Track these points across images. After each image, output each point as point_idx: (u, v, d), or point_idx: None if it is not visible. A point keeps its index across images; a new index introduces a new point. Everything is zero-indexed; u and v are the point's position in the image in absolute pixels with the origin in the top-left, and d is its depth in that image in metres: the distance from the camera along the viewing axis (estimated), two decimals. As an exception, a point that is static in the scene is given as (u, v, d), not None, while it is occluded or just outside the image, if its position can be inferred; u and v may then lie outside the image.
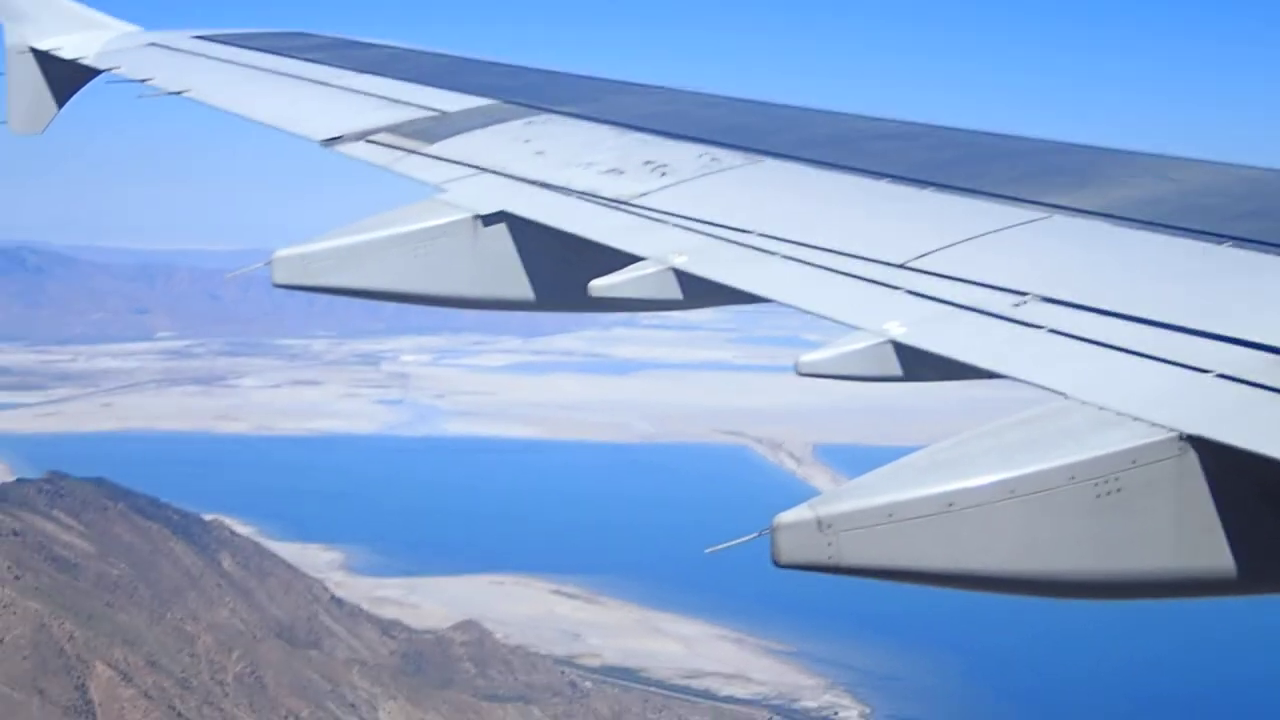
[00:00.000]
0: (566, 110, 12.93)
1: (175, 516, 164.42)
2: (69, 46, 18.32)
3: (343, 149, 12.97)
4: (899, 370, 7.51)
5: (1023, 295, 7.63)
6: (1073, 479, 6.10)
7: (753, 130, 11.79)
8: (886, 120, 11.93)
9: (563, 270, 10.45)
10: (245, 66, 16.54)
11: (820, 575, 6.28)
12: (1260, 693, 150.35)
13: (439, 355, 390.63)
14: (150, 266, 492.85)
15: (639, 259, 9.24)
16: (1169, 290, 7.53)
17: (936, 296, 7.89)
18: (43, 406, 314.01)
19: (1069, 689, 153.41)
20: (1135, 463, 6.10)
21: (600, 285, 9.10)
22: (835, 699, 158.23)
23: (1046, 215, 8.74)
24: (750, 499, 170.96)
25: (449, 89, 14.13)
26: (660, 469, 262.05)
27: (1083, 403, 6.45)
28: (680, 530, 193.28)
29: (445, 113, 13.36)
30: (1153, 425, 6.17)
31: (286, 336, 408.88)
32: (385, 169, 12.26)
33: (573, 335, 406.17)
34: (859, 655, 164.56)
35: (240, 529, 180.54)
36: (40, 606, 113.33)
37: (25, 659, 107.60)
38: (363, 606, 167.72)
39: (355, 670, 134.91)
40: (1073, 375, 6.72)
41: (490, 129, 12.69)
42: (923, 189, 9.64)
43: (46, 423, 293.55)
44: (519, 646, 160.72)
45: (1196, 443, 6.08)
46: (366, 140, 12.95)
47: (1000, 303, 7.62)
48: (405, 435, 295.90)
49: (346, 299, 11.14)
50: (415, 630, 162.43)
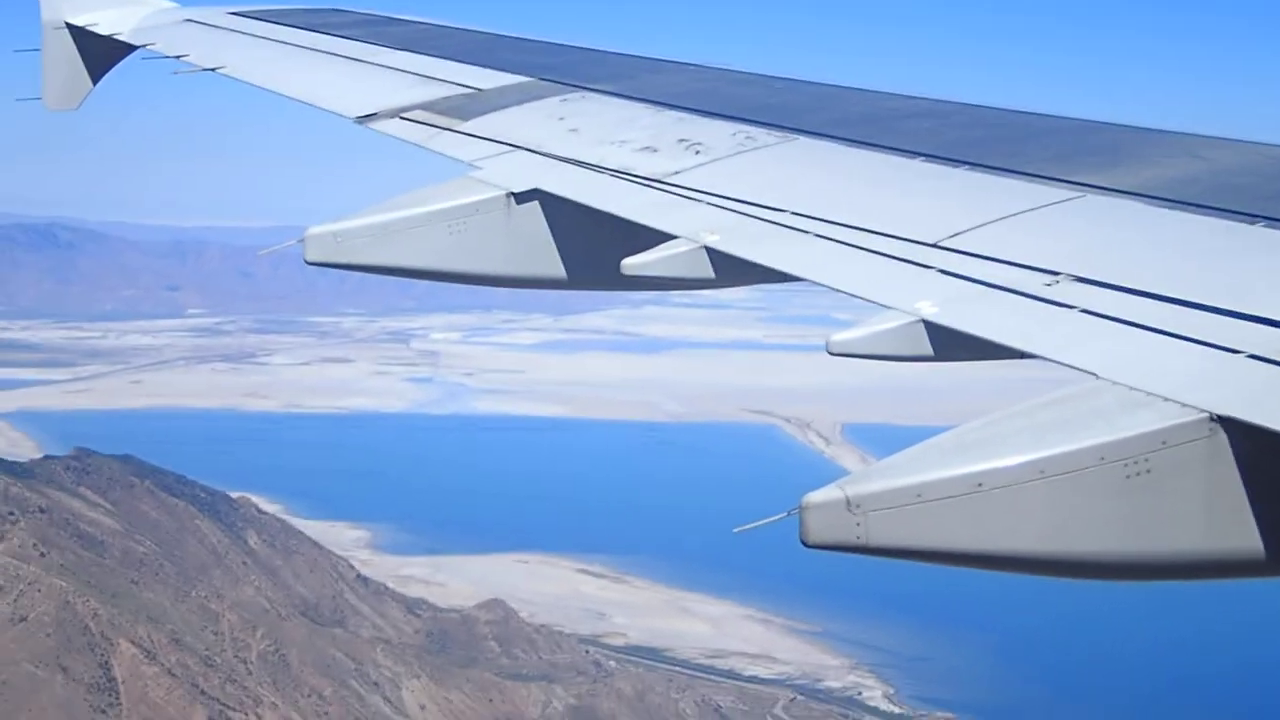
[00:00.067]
0: (601, 88, 12.92)
1: (202, 494, 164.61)
2: (104, 22, 18.30)
3: (376, 126, 12.97)
4: (930, 350, 7.52)
5: (1055, 275, 7.63)
6: (1102, 460, 6.11)
7: (787, 108, 11.77)
8: (920, 99, 11.91)
9: (595, 248, 10.45)
10: (280, 43, 16.56)
11: (847, 555, 6.29)
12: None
13: (469, 333, 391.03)
14: (182, 243, 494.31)
15: (671, 237, 9.24)
16: (1200, 270, 7.54)
17: (968, 276, 7.89)
18: (72, 383, 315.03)
19: (1096, 670, 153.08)
20: (1165, 444, 6.10)
21: (632, 263, 9.11)
22: (860, 679, 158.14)
23: (1079, 195, 8.73)
24: (778, 479, 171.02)
25: (484, 66, 14.12)
26: (689, 448, 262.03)
27: (1113, 383, 6.45)
28: (708, 510, 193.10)
29: (480, 90, 13.36)
30: (1183, 406, 6.18)
31: (317, 314, 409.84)
32: (419, 146, 12.25)
33: (603, 313, 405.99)
34: (884, 636, 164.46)
35: (267, 507, 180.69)
36: (65, 584, 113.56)
37: (49, 636, 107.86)
38: (388, 585, 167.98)
39: (379, 649, 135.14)
40: (1103, 355, 6.72)
41: (525, 106, 12.68)
42: (956, 168, 9.64)
43: (75, 399, 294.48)
44: (544, 626, 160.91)
45: (1227, 424, 6.09)
46: (400, 117, 12.94)
47: (1032, 282, 7.62)
48: (434, 413, 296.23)
49: (378, 277, 11.15)
50: (440, 609, 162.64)
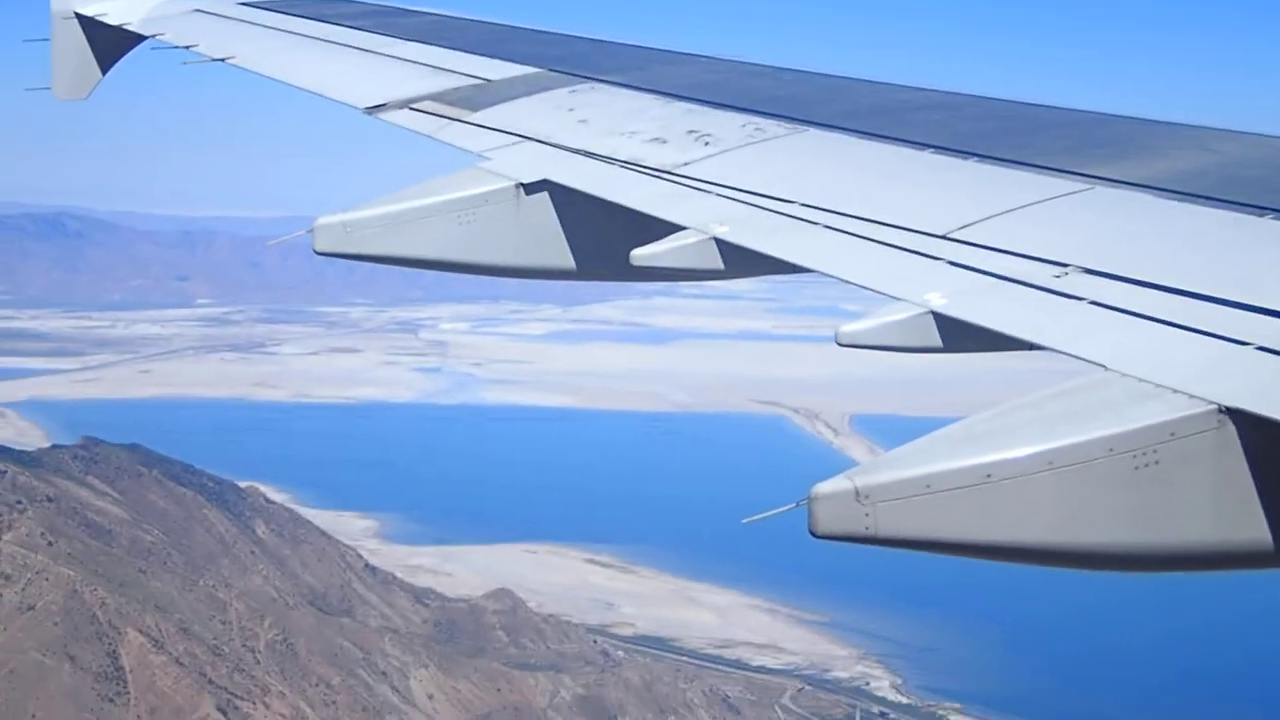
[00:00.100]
0: (611, 79, 12.91)
1: (210, 483, 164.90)
2: (114, 12, 18.26)
3: (386, 116, 12.95)
4: (939, 341, 7.52)
5: (1064, 267, 7.63)
6: (1111, 451, 6.11)
7: (796, 100, 11.76)
8: (929, 91, 11.90)
9: (604, 239, 10.45)
10: (289, 33, 16.52)
11: (855, 546, 6.30)
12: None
13: (478, 323, 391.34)
14: (191, 233, 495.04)
15: (681, 228, 9.24)
16: (1210, 263, 7.53)
17: (978, 268, 7.89)
18: (80, 373, 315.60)
19: (1104, 661, 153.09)
20: (1174, 435, 6.10)
21: (642, 254, 9.10)
22: (867, 670, 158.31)
23: (1088, 187, 8.73)
24: (787, 469, 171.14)
25: (494, 57, 14.09)
26: (697, 439, 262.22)
27: (1122, 375, 6.45)
28: (716, 500, 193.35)
29: (489, 81, 13.34)
30: (1192, 398, 6.18)
31: (325, 304, 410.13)
32: (428, 137, 12.23)
33: (612, 304, 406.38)
34: (892, 626, 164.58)
35: (275, 496, 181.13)
36: (73, 573, 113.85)
37: (57, 625, 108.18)
38: (396, 574, 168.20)
39: (387, 638, 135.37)
40: (1112, 347, 6.72)
41: (534, 97, 12.67)
42: (965, 160, 9.63)
43: (84, 389, 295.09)
44: (552, 615, 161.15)
45: (1235, 415, 6.09)
46: (410, 108, 12.93)
47: (1041, 274, 7.62)
48: (442, 403, 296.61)
49: (387, 267, 11.16)
50: (448, 599, 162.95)
